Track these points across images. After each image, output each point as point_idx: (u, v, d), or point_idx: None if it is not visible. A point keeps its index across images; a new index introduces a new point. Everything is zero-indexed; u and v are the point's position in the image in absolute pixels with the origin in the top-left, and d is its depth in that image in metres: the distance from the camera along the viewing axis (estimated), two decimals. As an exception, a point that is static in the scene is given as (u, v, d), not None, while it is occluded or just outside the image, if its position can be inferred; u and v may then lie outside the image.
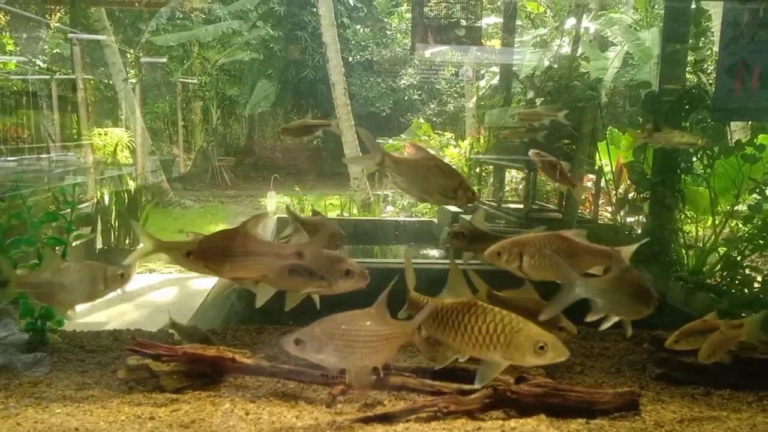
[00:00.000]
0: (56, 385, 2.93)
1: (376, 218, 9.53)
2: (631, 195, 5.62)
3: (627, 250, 2.56)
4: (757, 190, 4.30)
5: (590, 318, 2.47)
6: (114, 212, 7.24)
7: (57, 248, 3.75)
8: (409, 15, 12.80)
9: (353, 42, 15.29)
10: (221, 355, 2.87)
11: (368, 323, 2.14)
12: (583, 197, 6.35)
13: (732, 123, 5.59)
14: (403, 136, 11.45)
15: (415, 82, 15.03)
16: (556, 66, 6.96)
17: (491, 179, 8.06)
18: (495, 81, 9.44)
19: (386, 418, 2.48)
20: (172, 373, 2.85)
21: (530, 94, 6.31)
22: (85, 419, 2.49)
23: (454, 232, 2.94)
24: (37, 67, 11.14)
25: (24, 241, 3.48)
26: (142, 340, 2.98)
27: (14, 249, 3.45)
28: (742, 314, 4.01)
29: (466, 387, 2.67)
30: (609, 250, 2.52)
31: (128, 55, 12.98)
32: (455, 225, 3.04)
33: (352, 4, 15.38)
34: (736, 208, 4.51)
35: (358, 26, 15.60)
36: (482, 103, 9.90)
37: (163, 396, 2.76)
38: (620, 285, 2.50)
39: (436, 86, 14.70)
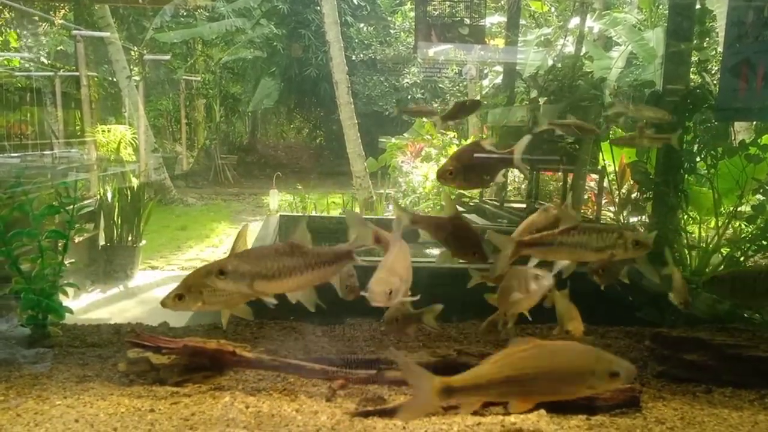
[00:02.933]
0: (57, 378, 2.93)
1: (379, 216, 9.52)
2: (634, 195, 5.59)
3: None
4: (761, 191, 4.27)
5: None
6: (117, 209, 7.25)
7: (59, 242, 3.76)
8: (412, 13, 12.79)
9: (356, 40, 15.29)
10: (222, 348, 2.87)
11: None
12: (585, 197, 6.33)
13: (736, 123, 5.56)
14: (405, 134, 11.44)
15: (418, 81, 15.02)
16: (559, 65, 6.92)
17: (493, 178, 8.03)
18: (498, 80, 9.41)
19: (386, 413, 2.47)
20: (173, 366, 2.85)
21: (533, 93, 6.29)
22: (85, 411, 2.50)
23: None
24: (40, 64, 11.16)
25: (26, 233, 3.49)
26: (143, 333, 2.99)
27: (16, 241, 3.46)
28: (744, 314, 4.02)
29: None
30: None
31: (132, 53, 13.00)
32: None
33: (355, 3, 15.39)
34: (739, 208, 4.49)
35: (362, 24, 15.61)
36: (485, 102, 9.87)
37: (164, 389, 2.76)
38: None
39: (440, 85, 14.67)
